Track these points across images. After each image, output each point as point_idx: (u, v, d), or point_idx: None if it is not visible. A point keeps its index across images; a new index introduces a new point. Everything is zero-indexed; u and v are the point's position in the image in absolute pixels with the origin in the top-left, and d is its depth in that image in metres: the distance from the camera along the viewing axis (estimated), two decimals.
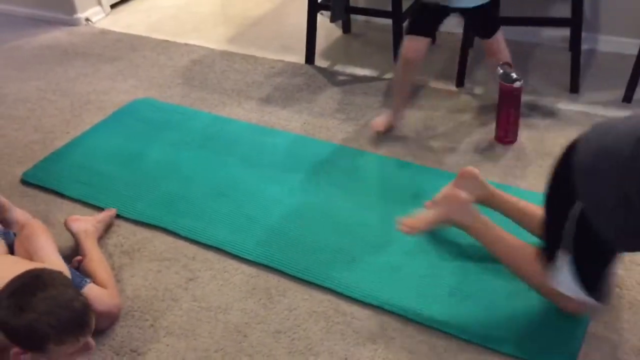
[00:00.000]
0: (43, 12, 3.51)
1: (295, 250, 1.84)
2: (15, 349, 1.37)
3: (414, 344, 1.55)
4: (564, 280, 1.43)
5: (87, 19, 3.46)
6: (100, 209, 2.05)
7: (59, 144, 2.40)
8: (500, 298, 1.63)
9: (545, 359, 1.48)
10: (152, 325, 1.65)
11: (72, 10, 3.42)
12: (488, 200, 1.76)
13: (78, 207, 2.08)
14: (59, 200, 2.12)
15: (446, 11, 2.21)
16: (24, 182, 2.21)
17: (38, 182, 2.20)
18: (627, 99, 2.46)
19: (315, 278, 1.74)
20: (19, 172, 2.26)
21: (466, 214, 1.67)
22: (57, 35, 3.34)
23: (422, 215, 1.75)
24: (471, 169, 1.79)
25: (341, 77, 2.81)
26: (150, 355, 1.57)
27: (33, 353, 1.37)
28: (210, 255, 1.86)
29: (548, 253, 1.46)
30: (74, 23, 3.44)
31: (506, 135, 2.27)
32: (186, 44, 3.17)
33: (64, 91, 2.80)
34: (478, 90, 2.64)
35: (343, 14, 2.87)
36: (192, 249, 1.88)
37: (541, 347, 1.51)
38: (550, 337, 1.53)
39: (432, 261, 1.77)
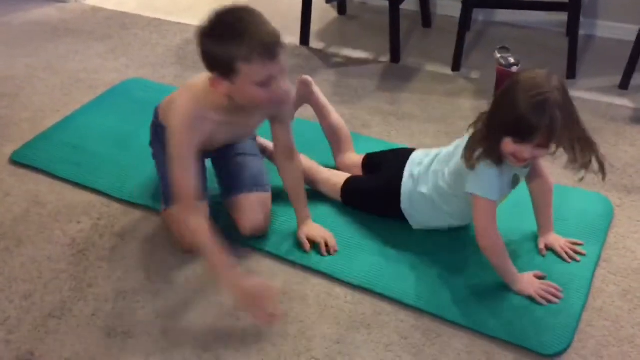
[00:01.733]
0: None
1: (288, 235, 1.82)
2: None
3: (407, 329, 1.55)
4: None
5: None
6: (91, 189, 2.02)
7: (49, 123, 2.36)
8: (494, 284, 1.63)
9: (539, 344, 1.48)
10: (143, 307, 1.63)
11: None
12: (314, 107, 2.08)
13: (68, 187, 2.05)
14: (48, 180, 2.09)
15: None
16: (13, 161, 2.18)
17: (27, 161, 2.16)
18: (624, 85, 2.45)
19: (308, 262, 1.73)
20: (8, 151, 2.22)
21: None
22: (47, 12, 3.28)
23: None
24: (305, 78, 2.06)
25: (336, 59, 2.77)
26: (141, 337, 1.56)
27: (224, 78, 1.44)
28: None
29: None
30: (64, 0, 3.37)
31: None
32: (179, 23, 3.12)
33: (54, 69, 2.75)
34: (474, 74, 2.62)
35: None
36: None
37: (535, 333, 1.50)
38: (544, 323, 1.53)
39: (426, 248, 1.76)
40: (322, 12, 3.13)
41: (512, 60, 2.19)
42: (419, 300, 1.61)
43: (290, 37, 2.92)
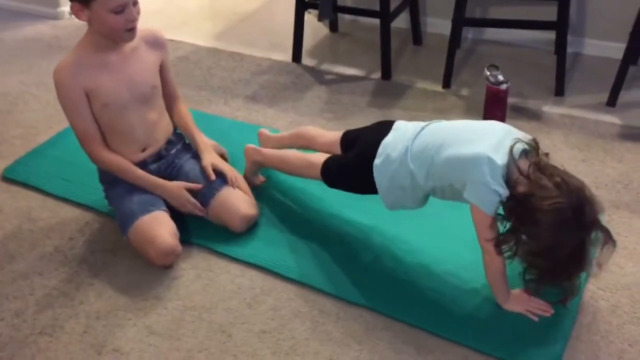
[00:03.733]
0: (26, 5, 3.46)
1: (280, 250, 1.83)
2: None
3: (400, 345, 1.55)
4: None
5: (71, 12, 3.41)
6: (83, 205, 2.02)
7: (41, 139, 2.37)
8: (485, 300, 1.64)
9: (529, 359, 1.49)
10: (135, 325, 1.63)
11: (55, 3, 3.38)
12: (279, 145, 2.10)
13: (60, 203, 2.05)
14: (40, 196, 2.09)
15: None
16: (5, 177, 2.18)
17: (19, 178, 2.16)
18: (611, 102, 2.48)
19: (301, 277, 1.73)
20: (0, 167, 2.22)
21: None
22: (40, 29, 3.29)
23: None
24: (263, 131, 2.17)
25: (328, 76, 2.80)
26: (133, 354, 1.55)
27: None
28: (195, 253, 1.84)
29: None
30: (57, 16, 3.39)
31: None
32: (172, 40, 3.14)
33: (46, 85, 2.75)
34: (465, 91, 2.65)
35: (331, 13, 2.86)
36: None
37: (525, 349, 1.51)
38: (534, 339, 1.54)
39: (418, 263, 1.78)
40: (314, 30, 3.16)
41: (500, 78, 2.22)
42: (411, 316, 1.61)
43: (283, 54, 2.95)
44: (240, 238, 1.87)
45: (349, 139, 1.87)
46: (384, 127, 1.77)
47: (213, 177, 1.87)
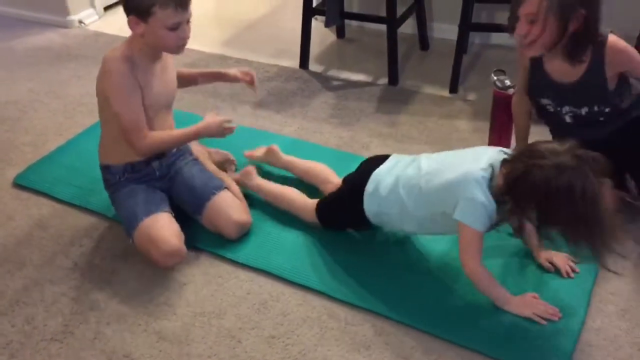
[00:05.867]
0: (36, 14, 3.49)
1: (289, 256, 1.83)
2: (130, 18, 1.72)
3: (408, 350, 1.56)
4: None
5: (80, 21, 3.45)
6: (93, 212, 2.04)
7: (51, 146, 2.39)
8: (494, 306, 1.63)
9: None
10: (145, 330, 1.64)
11: (65, 12, 3.41)
12: (285, 167, 2.14)
13: (70, 210, 2.07)
14: (51, 203, 2.10)
15: None
16: (16, 185, 2.20)
17: (30, 184, 2.18)
18: None
19: (310, 283, 1.74)
20: (11, 174, 2.24)
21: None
22: (50, 37, 3.32)
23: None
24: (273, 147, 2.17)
25: (335, 82, 2.81)
26: None
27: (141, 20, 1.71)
28: (204, 260, 1.85)
29: None
30: (66, 25, 3.42)
31: (500, 141, 2.28)
32: None
33: (56, 93, 2.78)
34: (472, 96, 2.65)
35: (337, 19, 2.88)
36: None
37: (534, 353, 1.51)
38: (543, 343, 1.54)
39: (426, 267, 1.78)
40: (321, 36, 3.17)
41: (508, 82, 2.22)
42: (420, 321, 1.62)
43: (290, 60, 2.96)
44: (248, 244, 1.87)
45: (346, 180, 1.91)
46: (377, 160, 1.83)
47: (242, 78, 2.13)
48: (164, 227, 1.78)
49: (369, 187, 1.75)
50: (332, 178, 2.01)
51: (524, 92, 2.00)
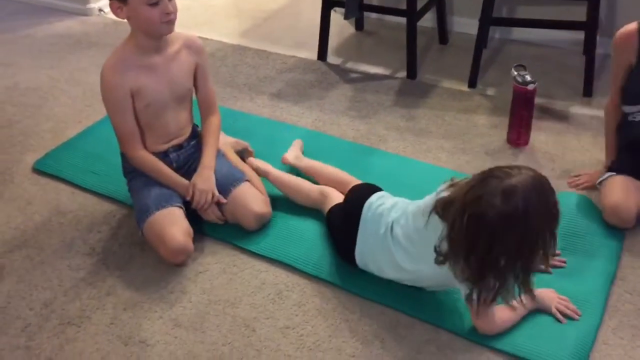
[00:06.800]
0: (56, 1, 3.51)
1: (306, 247, 1.84)
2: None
3: (422, 343, 1.56)
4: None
5: (100, 9, 3.46)
6: (111, 199, 2.05)
7: (71, 133, 2.41)
8: None
9: None
10: (160, 317, 1.66)
11: (85, 0, 3.43)
12: (307, 172, 2.08)
13: (89, 196, 2.09)
14: (70, 189, 2.12)
15: None
16: (36, 170, 2.22)
17: (49, 170, 2.20)
18: None
19: (325, 275, 1.74)
20: (31, 160, 2.26)
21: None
22: (70, 25, 3.34)
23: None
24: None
25: (353, 75, 2.80)
26: (158, 346, 1.58)
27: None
28: (220, 248, 1.86)
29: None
30: (87, 13, 3.44)
31: (518, 137, 2.26)
32: (198, 37, 3.16)
33: (76, 80, 2.80)
34: (491, 91, 2.63)
35: (357, 12, 2.86)
36: (202, 241, 1.89)
37: (551, 350, 1.50)
38: (560, 341, 1.53)
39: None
40: (340, 28, 3.16)
41: (528, 78, 2.20)
42: (434, 316, 1.61)
43: (308, 52, 2.96)
44: (265, 235, 1.88)
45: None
46: (363, 196, 1.75)
47: (188, 196, 1.85)
48: (172, 223, 1.78)
49: (359, 262, 1.70)
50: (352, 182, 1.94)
51: (619, 97, 1.88)
